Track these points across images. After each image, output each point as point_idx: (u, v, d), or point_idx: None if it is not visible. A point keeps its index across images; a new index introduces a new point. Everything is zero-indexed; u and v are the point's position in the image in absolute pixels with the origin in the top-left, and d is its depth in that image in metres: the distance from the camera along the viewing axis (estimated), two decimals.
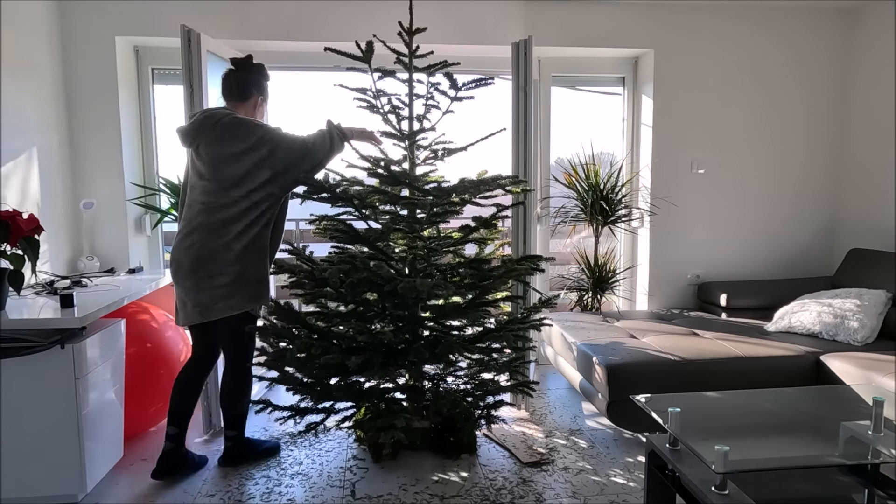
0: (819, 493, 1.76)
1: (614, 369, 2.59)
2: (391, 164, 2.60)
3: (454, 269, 2.54)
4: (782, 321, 3.15)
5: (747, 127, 3.77)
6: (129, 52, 3.39)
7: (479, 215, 2.53)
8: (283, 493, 2.34)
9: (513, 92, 2.96)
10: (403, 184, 2.56)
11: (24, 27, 2.87)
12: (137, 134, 3.48)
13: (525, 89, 2.93)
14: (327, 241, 2.65)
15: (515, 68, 2.94)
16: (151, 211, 3.49)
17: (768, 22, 3.69)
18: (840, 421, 1.87)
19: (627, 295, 4.00)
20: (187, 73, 2.69)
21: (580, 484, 2.40)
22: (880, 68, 3.52)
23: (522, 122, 2.95)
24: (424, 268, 2.56)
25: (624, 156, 3.93)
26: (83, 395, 2.17)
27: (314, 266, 2.45)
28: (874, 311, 2.95)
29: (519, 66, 2.93)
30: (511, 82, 2.96)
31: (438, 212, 2.52)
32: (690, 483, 1.62)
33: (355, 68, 2.63)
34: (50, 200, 3.04)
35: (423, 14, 3.40)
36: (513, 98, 2.96)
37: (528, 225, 2.99)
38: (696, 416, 1.91)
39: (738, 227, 3.84)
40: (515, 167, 2.98)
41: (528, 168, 2.95)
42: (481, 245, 2.86)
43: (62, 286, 2.65)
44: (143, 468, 2.54)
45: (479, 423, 2.71)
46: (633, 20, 3.59)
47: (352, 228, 2.53)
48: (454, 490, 2.35)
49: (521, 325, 2.56)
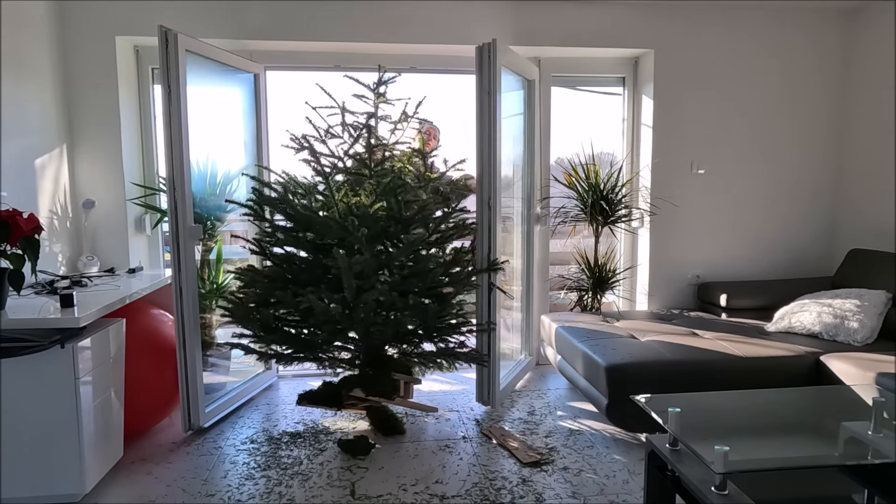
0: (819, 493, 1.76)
1: (614, 369, 2.59)
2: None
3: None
4: (782, 321, 3.15)
5: (747, 127, 3.77)
6: (129, 52, 3.39)
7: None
8: (283, 494, 2.34)
9: (477, 95, 2.96)
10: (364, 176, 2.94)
11: (24, 27, 2.87)
12: (137, 134, 3.48)
13: (490, 91, 2.94)
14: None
15: (479, 71, 2.95)
16: (151, 211, 3.50)
17: (768, 22, 3.69)
18: (840, 421, 1.87)
19: (627, 295, 4.01)
20: (165, 74, 2.67)
21: (580, 484, 2.40)
22: (880, 68, 3.52)
23: (487, 125, 2.96)
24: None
25: (624, 156, 3.93)
26: (83, 395, 2.17)
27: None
28: (874, 312, 2.95)
29: (483, 69, 2.94)
30: (475, 85, 2.97)
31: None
32: (690, 483, 1.62)
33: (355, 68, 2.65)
34: (50, 200, 3.04)
35: (415, 14, 3.40)
36: (477, 101, 2.97)
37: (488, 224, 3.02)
38: (696, 416, 1.91)
39: (738, 227, 3.84)
40: (480, 170, 3.00)
41: (493, 171, 2.97)
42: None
43: (62, 286, 2.65)
44: (142, 468, 2.55)
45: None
46: (633, 20, 3.59)
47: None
48: (454, 490, 2.36)
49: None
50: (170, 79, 2.67)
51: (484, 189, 3.00)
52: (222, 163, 3.25)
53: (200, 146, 2.98)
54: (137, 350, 2.68)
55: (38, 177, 2.95)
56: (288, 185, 2.94)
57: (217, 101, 3.18)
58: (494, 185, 2.99)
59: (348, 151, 3.03)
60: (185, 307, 2.76)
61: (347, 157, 3.02)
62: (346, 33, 3.36)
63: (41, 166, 2.98)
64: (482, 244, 3.01)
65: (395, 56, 3.58)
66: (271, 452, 2.69)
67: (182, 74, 2.70)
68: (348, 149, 3.04)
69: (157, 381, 2.77)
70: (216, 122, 3.17)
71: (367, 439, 2.69)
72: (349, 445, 2.68)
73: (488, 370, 3.11)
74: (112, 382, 2.41)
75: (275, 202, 2.84)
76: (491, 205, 3.00)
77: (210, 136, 3.11)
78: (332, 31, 3.35)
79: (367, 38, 3.37)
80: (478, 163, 3.01)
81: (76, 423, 2.15)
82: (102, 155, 3.29)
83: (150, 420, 2.86)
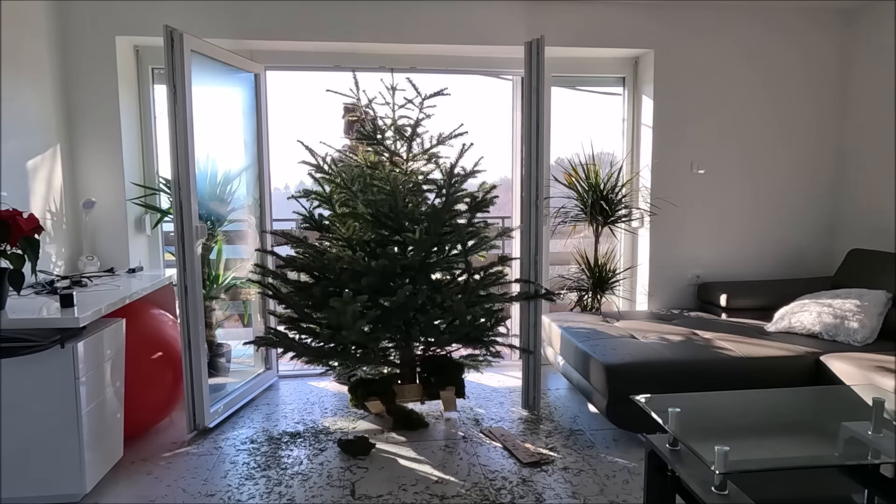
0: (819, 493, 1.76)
1: (614, 369, 2.59)
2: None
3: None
4: (782, 321, 3.15)
5: (747, 127, 3.77)
6: (129, 52, 3.39)
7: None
8: (283, 493, 2.34)
9: (524, 92, 2.93)
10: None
11: (24, 27, 2.87)
12: (137, 134, 3.48)
13: (538, 89, 2.91)
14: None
15: (528, 68, 2.91)
16: (151, 211, 3.49)
17: (768, 22, 3.69)
18: (840, 421, 1.87)
19: (627, 295, 4.00)
20: (170, 74, 2.67)
21: (580, 484, 2.40)
22: (880, 68, 3.52)
23: (535, 122, 2.92)
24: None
25: (624, 156, 3.93)
26: (83, 395, 2.17)
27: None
28: (874, 312, 2.95)
29: (532, 66, 2.91)
30: (523, 82, 2.94)
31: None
32: (690, 483, 1.62)
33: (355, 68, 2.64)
34: (50, 200, 3.04)
35: (425, 14, 3.40)
36: (524, 99, 2.93)
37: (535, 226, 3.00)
38: (696, 416, 1.91)
39: (739, 227, 3.84)
40: (528, 168, 2.96)
41: (539, 169, 2.93)
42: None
43: (62, 286, 2.65)
44: (142, 468, 2.55)
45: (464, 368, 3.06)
46: (633, 20, 3.59)
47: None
48: (454, 490, 2.36)
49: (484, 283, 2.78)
50: (175, 78, 2.67)
51: (532, 188, 2.94)
52: (223, 162, 3.25)
53: (201, 146, 2.98)
54: (137, 350, 2.68)
55: (38, 177, 2.95)
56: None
57: (218, 101, 3.18)
58: (541, 184, 2.91)
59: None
60: (191, 307, 2.77)
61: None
62: (346, 33, 3.36)
63: (41, 166, 2.97)
64: (527, 249, 3.01)
65: (396, 56, 3.58)
66: (271, 452, 2.69)
67: (187, 74, 2.71)
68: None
69: (157, 381, 2.77)
70: (217, 121, 3.17)
71: (367, 439, 2.69)
72: (349, 445, 2.68)
73: (532, 377, 3.13)
74: (112, 382, 2.41)
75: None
76: (538, 205, 2.95)
77: (211, 136, 3.11)
78: (333, 30, 3.35)
79: (368, 37, 3.37)
80: (525, 162, 2.98)
81: (76, 423, 2.15)
82: (102, 155, 3.29)
83: (150, 420, 2.86)
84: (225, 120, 3.25)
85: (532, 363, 3.10)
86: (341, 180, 2.92)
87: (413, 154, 3.02)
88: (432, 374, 3.00)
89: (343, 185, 2.89)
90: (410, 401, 2.99)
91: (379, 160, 3.02)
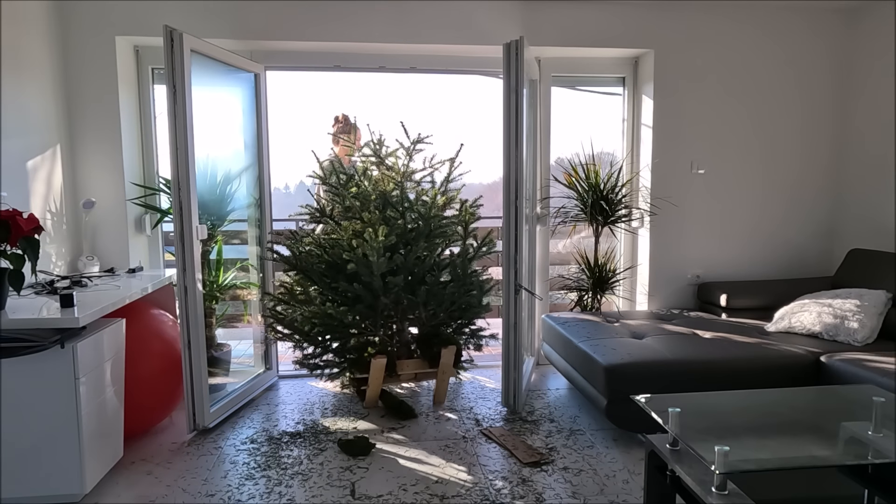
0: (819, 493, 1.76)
1: (614, 369, 2.59)
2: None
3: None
4: (782, 321, 3.15)
5: (747, 127, 3.77)
6: (129, 52, 3.39)
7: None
8: (283, 493, 2.34)
9: (504, 93, 2.94)
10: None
11: (24, 27, 2.87)
12: (137, 134, 3.48)
13: (517, 90, 2.92)
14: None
15: (507, 69, 2.92)
16: (151, 211, 3.49)
17: (768, 22, 3.69)
18: (840, 421, 1.87)
19: (627, 295, 4.00)
20: (170, 74, 2.67)
21: (580, 484, 2.40)
22: (880, 68, 3.52)
23: (513, 123, 2.94)
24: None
25: (624, 156, 3.93)
26: (83, 395, 2.17)
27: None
28: (874, 312, 2.95)
29: (510, 67, 2.92)
30: (502, 83, 2.94)
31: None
32: (690, 483, 1.62)
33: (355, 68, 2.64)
34: (50, 200, 3.04)
35: (419, 14, 3.40)
36: (504, 99, 2.94)
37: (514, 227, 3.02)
38: (696, 416, 1.91)
39: (738, 227, 3.84)
40: (507, 169, 2.98)
41: (518, 170, 2.94)
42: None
43: (62, 286, 2.65)
44: (142, 468, 2.55)
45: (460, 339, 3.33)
46: (633, 20, 3.59)
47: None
48: (454, 490, 2.36)
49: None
50: (175, 78, 2.67)
51: (511, 189, 2.95)
52: (223, 162, 3.25)
53: (201, 146, 2.98)
54: (137, 350, 2.68)
55: (38, 177, 2.95)
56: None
57: (218, 101, 3.18)
58: (521, 186, 2.94)
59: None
60: (191, 307, 2.77)
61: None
62: (346, 33, 3.36)
63: (41, 166, 2.97)
64: (509, 247, 3.01)
65: (395, 56, 3.58)
66: (271, 452, 2.69)
67: (187, 74, 2.71)
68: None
69: (157, 381, 2.77)
70: (217, 121, 3.17)
71: (367, 439, 2.70)
72: (349, 445, 2.68)
73: (513, 374, 3.12)
74: (112, 382, 2.41)
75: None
76: (518, 206, 2.95)
77: (211, 136, 3.11)
78: (333, 30, 3.35)
79: (367, 37, 3.37)
80: (504, 163, 2.97)
81: (76, 423, 2.15)
82: (102, 155, 3.29)
83: (150, 420, 2.86)
84: (225, 120, 3.25)
85: (512, 360, 3.08)
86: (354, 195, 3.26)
87: (411, 170, 3.35)
88: (431, 347, 3.22)
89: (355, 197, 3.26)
90: (411, 373, 3.20)
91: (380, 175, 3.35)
